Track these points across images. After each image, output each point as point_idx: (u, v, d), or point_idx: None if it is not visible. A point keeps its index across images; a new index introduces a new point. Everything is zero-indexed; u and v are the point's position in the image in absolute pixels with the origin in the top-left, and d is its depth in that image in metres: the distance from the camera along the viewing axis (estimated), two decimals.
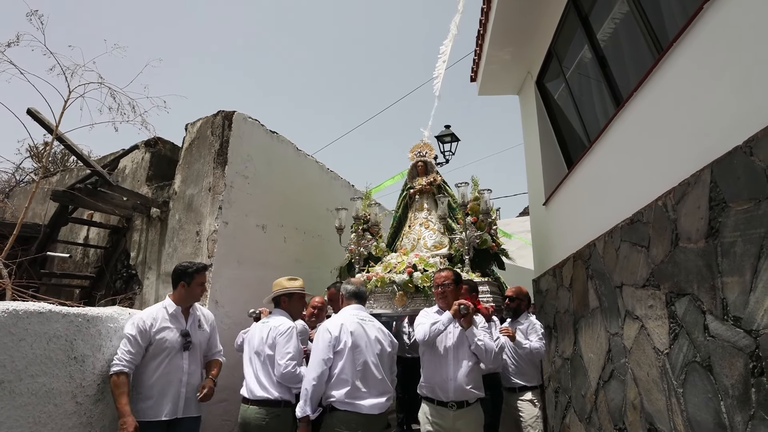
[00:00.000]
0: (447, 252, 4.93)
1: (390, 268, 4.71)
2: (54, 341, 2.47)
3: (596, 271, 3.52)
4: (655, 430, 2.62)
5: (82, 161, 4.55)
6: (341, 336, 2.82)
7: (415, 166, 5.73)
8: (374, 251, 5.32)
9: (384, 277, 4.55)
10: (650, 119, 2.80)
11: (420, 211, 5.56)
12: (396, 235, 5.72)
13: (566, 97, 4.85)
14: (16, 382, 2.28)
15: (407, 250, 5.12)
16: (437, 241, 5.20)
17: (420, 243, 5.22)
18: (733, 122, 1.96)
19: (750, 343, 1.81)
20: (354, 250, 5.27)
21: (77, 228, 5.85)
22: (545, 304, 5.13)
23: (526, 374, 3.90)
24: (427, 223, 5.41)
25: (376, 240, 5.46)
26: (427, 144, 5.89)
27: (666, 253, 2.46)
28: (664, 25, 2.93)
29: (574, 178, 4.18)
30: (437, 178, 5.63)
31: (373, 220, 5.59)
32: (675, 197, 2.38)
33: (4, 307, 2.22)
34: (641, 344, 2.77)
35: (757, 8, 1.86)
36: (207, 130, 4.94)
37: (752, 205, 1.80)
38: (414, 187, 5.66)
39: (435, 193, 5.58)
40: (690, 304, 2.24)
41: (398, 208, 5.87)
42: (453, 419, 2.95)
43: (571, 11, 4.20)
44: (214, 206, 4.55)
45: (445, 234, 5.28)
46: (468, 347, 3.04)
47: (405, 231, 5.58)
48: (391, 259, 4.94)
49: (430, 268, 4.45)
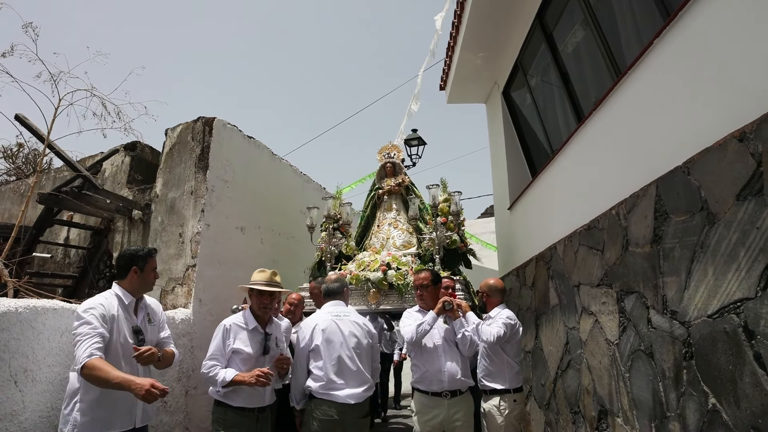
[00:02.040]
0: (416, 251, 5.09)
1: (364, 266, 4.84)
2: (66, 335, 2.70)
3: (556, 272, 3.87)
4: (605, 410, 2.98)
5: (70, 167, 4.62)
6: (314, 337, 3.11)
7: (383, 167, 5.85)
8: (345, 250, 5.37)
9: (359, 275, 4.65)
10: (607, 136, 3.15)
11: (389, 211, 5.68)
12: (364, 234, 5.81)
13: (531, 107, 5.21)
14: (36, 371, 2.55)
15: (377, 249, 5.26)
16: (406, 240, 5.37)
17: (389, 242, 5.37)
18: (676, 145, 2.30)
19: (683, 333, 2.16)
20: (325, 249, 5.31)
21: (57, 229, 5.87)
22: (508, 303, 5.49)
23: (494, 376, 3.51)
24: (396, 223, 5.54)
25: (347, 239, 5.50)
26: (395, 146, 6.03)
27: (618, 256, 2.82)
28: (621, 50, 3.29)
29: (538, 186, 4.54)
30: (405, 180, 5.77)
31: (344, 219, 5.62)
32: (626, 207, 2.73)
33: (26, 304, 2.43)
34: (595, 336, 3.12)
35: (698, 52, 2.21)
36: (188, 136, 5.07)
37: (688, 216, 2.15)
38: (383, 187, 5.78)
39: (403, 194, 5.71)
40: (636, 301, 2.59)
41: (366, 208, 5.95)
42: (448, 407, 3.17)
43: (536, 28, 4.54)
44: (197, 209, 4.69)
45: (413, 234, 5.43)
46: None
47: (373, 230, 5.69)
48: (364, 257, 5.07)
49: (403, 266, 4.62)
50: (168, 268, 4.64)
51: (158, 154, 5.44)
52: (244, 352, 2.88)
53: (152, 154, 5.79)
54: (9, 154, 8.16)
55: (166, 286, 4.59)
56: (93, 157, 5.84)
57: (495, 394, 3.44)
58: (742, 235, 1.79)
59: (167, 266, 4.64)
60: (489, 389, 3.48)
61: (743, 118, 1.80)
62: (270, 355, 2.99)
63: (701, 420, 2.05)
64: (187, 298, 4.40)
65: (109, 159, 5.70)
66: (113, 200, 5.06)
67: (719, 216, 1.92)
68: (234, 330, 2.95)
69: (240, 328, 2.96)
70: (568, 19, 4.01)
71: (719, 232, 1.92)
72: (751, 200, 1.75)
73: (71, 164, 4.55)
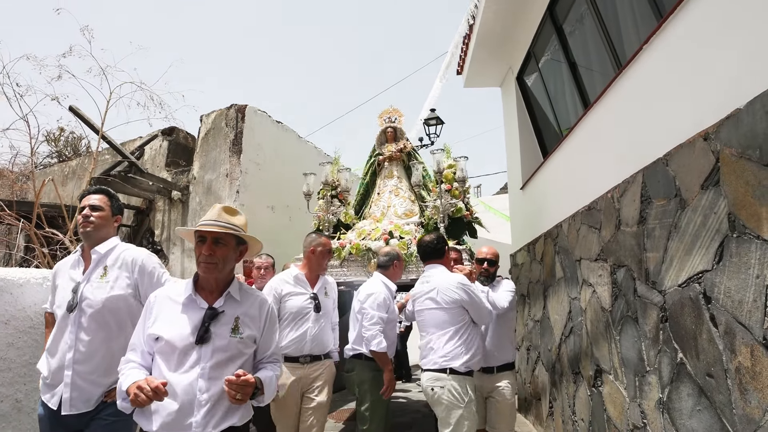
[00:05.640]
0: (419, 220, 4.90)
1: (364, 234, 4.65)
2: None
3: (562, 248, 4.25)
4: (600, 369, 3.39)
5: (120, 154, 5.13)
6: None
7: (384, 132, 5.52)
8: (344, 218, 5.13)
9: (359, 244, 4.49)
10: (606, 126, 3.48)
11: (389, 178, 5.43)
12: (363, 202, 5.56)
13: (542, 93, 5.51)
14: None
15: (378, 217, 5.05)
16: (408, 209, 5.16)
17: (390, 211, 5.13)
18: (660, 139, 2.64)
19: (660, 300, 2.55)
20: (322, 217, 5.04)
21: None
22: (520, 276, 5.89)
23: (503, 349, 3.45)
24: (397, 191, 5.31)
25: (345, 207, 5.23)
26: (397, 109, 5.64)
27: (612, 234, 3.19)
28: (622, 45, 3.58)
29: (547, 168, 4.88)
30: (407, 145, 5.49)
31: (342, 186, 5.29)
32: (620, 191, 3.09)
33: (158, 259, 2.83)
34: (593, 305, 3.52)
35: (678, 56, 2.54)
36: (221, 122, 5.51)
37: (666, 201, 2.52)
38: (383, 153, 5.48)
39: (405, 161, 5.45)
40: (626, 273, 2.97)
41: (365, 175, 5.64)
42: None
43: (547, 20, 4.83)
44: (232, 190, 5.16)
45: (414, 202, 5.19)
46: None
47: (373, 198, 5.43)
48: (365, 225, 4.87)
49: (405, 235, 4.48)
50: None
51: (193, 139, 5.90)
52: (164, 339, 1.77)
53: (187, 139, 6.24)
54: (51, 138, 8.75)
55: None
56: (133, 141, 6.33)
57: (506, 369, 3.43)
58: (704, 219, 2.16)
59: None
60: (500, 365, 3.41)
61: (707, 120, 2.15)
62: (212, 347, 1.77)
63: (672, 372, 2.45)
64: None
65: (149, 144, 6.19)
66: (155, 182, 5.55)
67: (688, 202, 2.29)
68: (159, 303, 1.87)
69: (169, 301, 1.87)
70: (576, 12, 4.29)
71: (688, 215, 2.29)
72: (711, 189, 2.11)
73: (121, 152, 5.05)
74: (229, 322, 1.86)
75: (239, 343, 1.85)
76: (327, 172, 5.22)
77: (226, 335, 1.82)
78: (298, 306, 3.22)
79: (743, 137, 1.90)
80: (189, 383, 1.72)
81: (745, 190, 1.89)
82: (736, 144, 1.93)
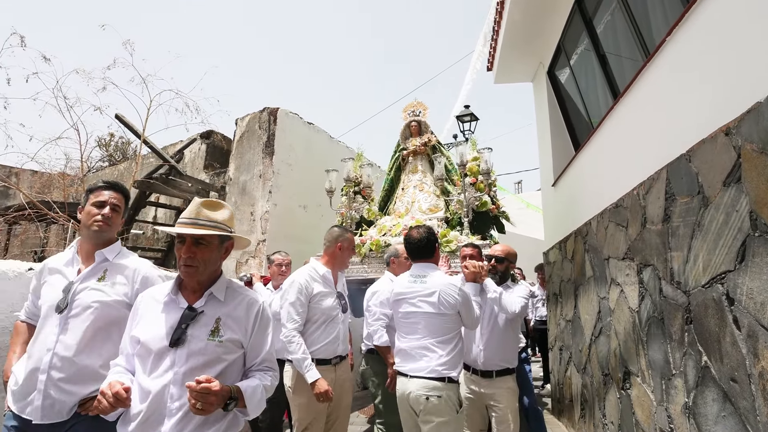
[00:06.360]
0: (443, 215, 4.77)
1: (385, 231, 4.57)
2: None
3: (591, 246, 4.16)
4: (628, 371, 3.30)
5: (161, 158, 5.38)
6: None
7: (408, 126, 5.40)
8: (367, 214, 5.06)
9: (379, 240, 4.41)
10: (632, 121, 3.39)
11: (414, 173, 5.32)
12: (388, 198, 5.47)
13: (573, 88, 5.38)
14: None
15: (402, 213, 4.94)
16: (432, 204, 5.02)
17: (414, 206, 5.01)
18: (683, 134, 2.56)
19: (685, 301, 2.47)
20: (345, 214, 4.98)
21: (146, 209, 6.74)
22: (553, 274, 5.79)
23: (509, 354, 3.26)
24: (422, 186, 5.19)
25: (368, 203, 5.17)
26: (421, 103, 5.51)
27: (638, 232, 3.10)
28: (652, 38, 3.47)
29: (577, 165, 4.78)
30: (432, 139, 5.34)
31: (365, 181, 5.25)
32: (645, 188, 3.00)
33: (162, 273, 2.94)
34: (621, 305, 3.43)
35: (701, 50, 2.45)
36: (255, 125, 5.67)
37: (689, 199, 2.43)
38: (407, 148, 5.37)
39: (429, 155, 5.31)
40: (651, 273, 2.89)
41: (390, 170, 5.54)
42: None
43: (576, 14, 4.72)
44: (265, 190, 5.31)
45: (440, 197, 5.06)
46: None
47: (398, 194, 5.32)
48: (386, 221, 4.80)
49: None
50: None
51: (230, 141, 6.10)
52: (140, 340, 1.67)
53: (224, 141, 6.46)
54: (102, 143, 9.30)
55: (240, 258, 5.26)
56: (174, 145, 6.61)
57: (505, 374, 3.22)
58: (726, 217, 2.08)
59: None
60: (500, 369, 3.21)
61: (730, 114, 2.06)
62: (187, 350, 1.63)
63: (697, 376, 2.37)
64: (258, 269, 5.04)
65: (188, 147, 6.44)
66: (194, 184, 5.77)
67: (711, 199, 2.21)
68: (145, 304, 1.77)
69: (153, 301, 1.76)
70: (605, 2, 4.18)
71: (711, 213, 2.21)
72: (733, 186, 2.03)
73: (162, 156, 5.29)
74: (209, 323, 1.68)
75: (218, 347, 1.65)
76: (349, 168, 5.14)
77: (204, 338, 1.65)
78: (329, 307, 3.05)
79: (764, 132, 1.82)
80: (160, 389, 1.57)
81: (767, 187, 1.81)
82: (757, 139, 1.85)
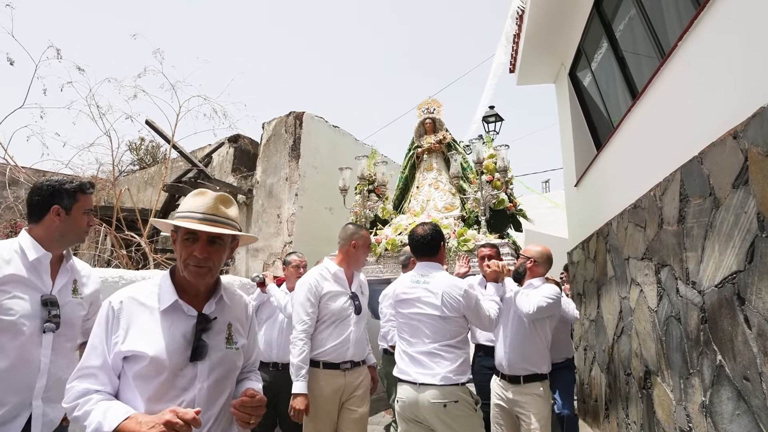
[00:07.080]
0: (459, 213, 4.71)
1: (401, 230, 4.52)
2: None
3: (612, 246, 4.17)
4: (648, 371, 3.33)
5: (191, 162, 5.59)
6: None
7: (422, 124, 5.33)
8: (381, 213, 4.99)
9: (395, 239, 4.36)
10: (648, 122, 3.41)
11: (429, 171, 5.27)
12: (403, 196, 5.42)
13: (594, 89, 5.38)
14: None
15: (417, 212, 4.88)
16: (448, 202, 4.96)
17: (430, 205, 4.95)
18: (696, 137, 2.59)
19: (700, 300, 2.50)
20: (359, 213, 4.92)
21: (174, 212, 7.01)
22: (576, 274, 5.79)
23: (534, 358, 3.03)
24: (437, 184, 5.12)
25: (383, 201, 5.10)
26: (435, 100, 5.45)
27: (655, 233, 3.13)
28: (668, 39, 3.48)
29: (598, 165, 4.79)
30: (447, 136, 5.27)
31: (379, 180, 5.18)
32: (661, 189, 3.03)
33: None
34: (640, 305, 3.45)
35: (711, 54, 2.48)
36: (281, 128, 5.85)
37: (702, 200, 2.47)
38: (422, 146, 5.30)
39: (445, 153, 5.25)
40: (669, 273, 2.92)
41: (404, 168, 5.48)
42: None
43: (595, 17, 4.74)
44: (291, 193, 5.47)
45: (455, 195, 4.99)
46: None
47: (413, 192, 5.26)
48: (401, 220, 4.74)
49: (444, 229, 3.96)
50: (269, 244, 5.48)
51: (257, 145, 6.30)
52: (148, 357, 1.36)
53: (250, 145, 6.67)
54: (133, 147, 9.68)
55: (267, 260, 5.44)
56: (202, 149, 6.85)
57: (534, 380, 3.00)
58: (736, 218, 2.11)
59: (268, 243, 5.49)
60: (528, 374, 3.00)
61: (738, 117, 2.10)
62: (209, 362, 1.45)
63: (713, 374, 2.40)
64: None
65: (216, 151, 6.67)
66: (222, 187, 5.98)
67: (721, 201, 2.24)
68: (128, 312, 1.43)
69: (143, 309, 1.44)
70: (623, 4, 4.19)
71: (722, 214, 2.24)
72: (741, 188, 2.06)
73: (191, 160, 5.51)
74: (222, 330, 1.51)
75: (235, 355, 1.52)
76: (363, 166, 5.09)
77: (222, 347, 1.49)
78: (340, 307, 2.88)
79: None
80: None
81: None
82: (762, 143, 1.89)
